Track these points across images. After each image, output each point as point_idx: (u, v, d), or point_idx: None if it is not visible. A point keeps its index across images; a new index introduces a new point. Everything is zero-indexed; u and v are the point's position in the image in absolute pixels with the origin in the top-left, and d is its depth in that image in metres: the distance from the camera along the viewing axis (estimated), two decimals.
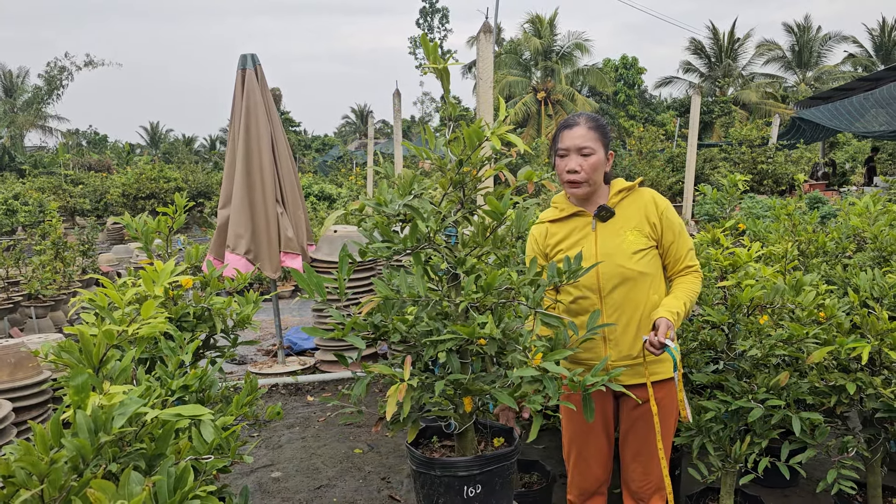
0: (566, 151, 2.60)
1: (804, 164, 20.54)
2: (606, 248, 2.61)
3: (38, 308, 7.92)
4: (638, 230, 2.62)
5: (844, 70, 39.71)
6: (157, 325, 1.77)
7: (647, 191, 2.71)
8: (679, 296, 2.60)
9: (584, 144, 2.58)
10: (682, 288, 2.64)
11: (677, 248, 2.66)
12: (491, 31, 5.95)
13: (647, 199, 2.66)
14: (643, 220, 2.63)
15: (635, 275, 2.58)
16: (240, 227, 6.00)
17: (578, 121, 2.63)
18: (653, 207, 2.64)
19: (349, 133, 62.01)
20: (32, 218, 16.83)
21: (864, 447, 3.00)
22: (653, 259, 2.63)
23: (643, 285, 2.60)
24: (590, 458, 2.81)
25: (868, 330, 2.92)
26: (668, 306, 2.54)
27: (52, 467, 1.12)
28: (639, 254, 2.59)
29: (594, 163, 2.59)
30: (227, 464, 1.99)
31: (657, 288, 2.64)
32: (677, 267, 2.68)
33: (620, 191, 2.68)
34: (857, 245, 4.38)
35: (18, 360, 3.98)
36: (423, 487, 2.51)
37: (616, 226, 2.64)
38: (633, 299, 2.59)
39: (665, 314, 2.49)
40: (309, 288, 2.28)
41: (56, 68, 38.26)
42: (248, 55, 6.20)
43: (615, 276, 2.58)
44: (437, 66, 2.42)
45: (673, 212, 2.68)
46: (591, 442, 2.79)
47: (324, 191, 20.23)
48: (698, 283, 2.68)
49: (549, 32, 39.67)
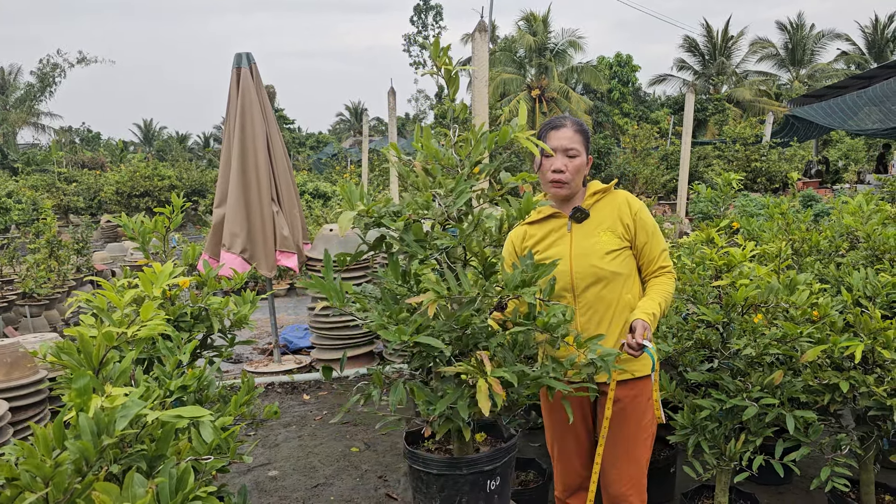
0: (552, 151, 2.65)
1: (798, 162, 20.63)
2: (581, 249, 2.67)
3: (33, 307, 7.91)
4: (611, 231, 2.67)
5: (838, 68, 39.87)
6: (156, 327, 1.77)
7: (622, 193, 2.76)
8: (654, 297, 2.65)
9: (571, 146, 2.65)
10: (657, 289, 2.69)
11: (651, 248, 2.71)
12: (486, 29, 5.96)
13: (620, 201, 2.72)
14: (616, 220, 2.69)
15: (608, 274, 2.63)
16: (235, 225, 6.00)
17: (565, 122, 2.69)
18: (626, 208, 2.70)
19: (344, 130, 61.92)
20: (26, 216, 16.77)
21: (857, 445, 3.02)
22: (626, 259, 2.69)
23: (616, 285, 2.65)
24: (570, 454, 2.87)
25: (861, 329, 2.94)
26: (644, 308, 2.59)
27: (56, 470, 1.13)
28: (612, 254, 2.65)
29: (578, 165, 2.66)
30: (226, 464, 2.00)
31: (630, 287, 2.69)
32: (651, 267, 2.74)
33: (595, 192, 2.73)
34: (851, 244, 4.41)
35: (15, 359, 3.98)
36: (442, 490, 2.50)
37: (591, 227, 2.69)
38: (605, 298, 2.65)
39: (641, 316, 2.54)
40: (330, 295, 2.26)
41: (49, 65, 38.16)
42: (242, 54, 6.20)
43: (588, 275, 2.64)
44: (449, 67, 2.42)
45: (647, 213, 2.74)
46: (570, 438, 2.85)
47: (318, 189, 20.21)
48: (672, 284, 2.74)
49: (543, 30, 39.67)
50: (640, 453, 2.73)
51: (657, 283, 2.72)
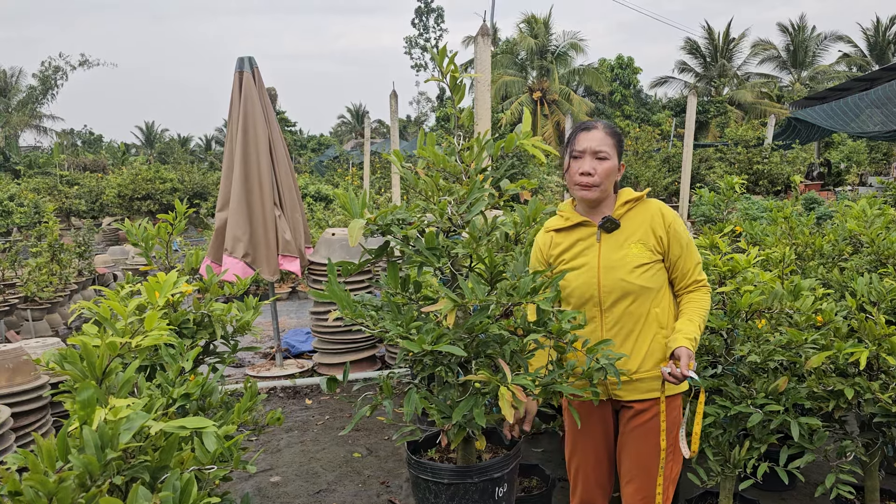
0: (581, 153, 2.54)
1: (800, 165, 20.58)
2: (609, 261, 2.55)
3: (35, 310, 7.90)
4: (642, 243, 2.55)
5: (839, 70, 39.84)
6: (159, 336, 1.77)
7: (655, 202, 2.64)
8: (693, 318, 2.53)
9: (601, 148, 2.52)
10: (693, 307, 2.57)
11: (685, 262, 2.58)
12: (488, 33, 5.96)
13: (653, 211, 2.59)
14: (648, 232, 2.56)
15: (636, 289, 2.52)
16: (238, 229, 6.00)
17: (597, 125, 2.57)
18: (659, 219, 2.57)
19: (345, 133, 61.96)
20: (28, 219, 16.78)
21: (862, 451, 3.01)
22: (656, 273, 2.56)
23: (645, 300, 2.54)
24: (589, 470, 2.75)
25: (866, 335, 2.93)
26: (686, 332, 2.46)
27: (60, 486, 1.12)
28: (641, 268, 2.52)
29: (608, 168, 2.53)
30: (229, 472, 1.99)
31: (659, 301, 2.57)
32: (685, 282, 2.60)
33: (627, 202, 2.61)
34: (854, 248, 4.40)
35: (17, 364, 3.98)
36: (452, 499, 2.49)
37: (620, 238, 2.57)
38: (633, 313, 2.54)
39: (684, 342, 2.41)
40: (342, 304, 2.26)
41: (51, 68, 38.21)
42: (245, 57, 6.19)
43: (616, 289, 2.52)
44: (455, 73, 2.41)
45: (681, 224, 2.61)
46: (591, 453, 2.74)
47: (320, 191, 20.21)
48: (708, 299, 2.61)
49: (545, 32, 39.68)
50: (655, 469, 2.58)
51: (693, 301, 2.59)
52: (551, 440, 4.63)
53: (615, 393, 2.60)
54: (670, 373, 2.36)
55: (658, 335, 2.55)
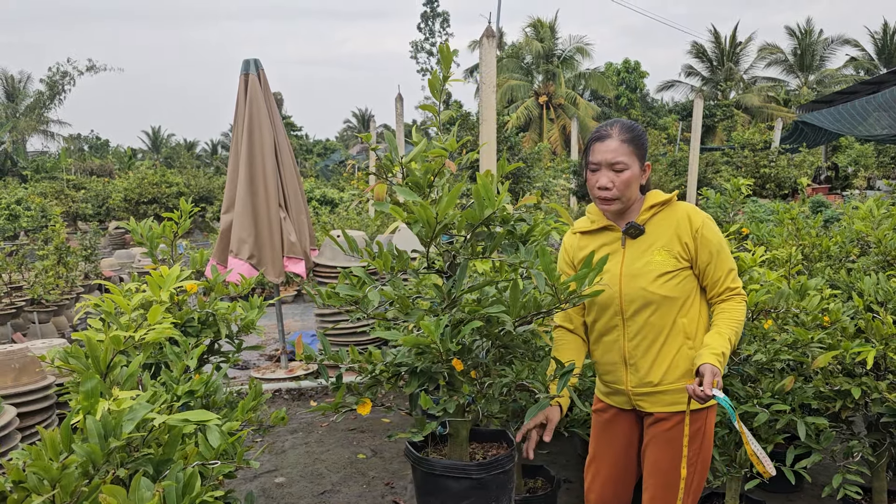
0: (597, 166, 2.42)
1: (807, 168, 20.55)
2: (631, 269, 2.43)
3: (41, 313, 7.93)
4: (667, 250, 2.41)
5: (847, 73, 39.74)
6: (163, 331, 1.77)
7: (683, 205, 2.48)
8: (723, 331, 2.35)
9: (617, 160, 2.38)
10: (725, 319, 2.39)
11: (715, 269, 2.42)
12: (493, 36, 5.96)
13: (680, 216, 2.44)
14: (674, 238, 2.42)
15: (659, 299, 2.39)
16: (243, 231, 6.01)
17: (611, 132, 2.43)
18: (686, 225, 2.42)
19: (351, 137, 62.02)
20: (35, 223, 16.87)
21: (869, 452, 3.00)
22: (682, 282, 2.42)
23: (669, 310, 2.41)
24: (607, 479, 2.66)
25: (873, 334, 2.92)
26: (713, 347, 2.29)
27: (63, 472, 1.13)
28: (665, 276, 2.39)
29: (627, 179, 2.39)
30: (233, 469, 1.99)
31: (686, 311, 2.43)
32: (717, 289, 2.44)
33: (653, 206, 2.47)
34: (861, 249, 4.38)
35: (23, 365, 3.99)
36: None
37: (645, 245, 2.44)
38: (655, 324, 2.41)
39: (710, 359, 2.24)
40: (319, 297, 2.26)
41: (58, 73, 38.42)
42: (250, 60, 6.21)
43: (638, 298, 2.41)
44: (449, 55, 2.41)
45: (711, 229, 2.44)
46: (610, 462, 2.65)
47: (326, 195, 20.26)
48: (743, 310, 2.43)
49: (551, 36, 39.72)
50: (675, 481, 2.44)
51: (726, 311, 2.41)
52: (556, 442, 4.61)
53: (638, 404, 2.50)
54: (693, 390, 2.20)
55: (684, 346, 2.41)
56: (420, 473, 2.56)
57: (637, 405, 2.51)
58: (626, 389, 2.49)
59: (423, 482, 2.55)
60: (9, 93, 40.13)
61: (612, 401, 2.59)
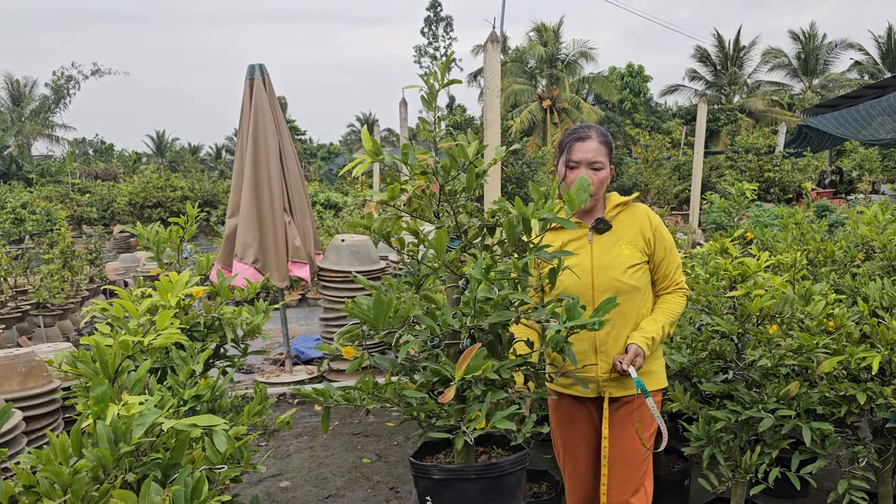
0: (577, 164, 2.63)
1: (811, 172, 20.51)
2: (602, 261, 2.65)
3: (46, 317, 7.95)
4: (633, 245, 2.66)
5: (851, 77, 39.68)
6: (171, 336, 1.78)
7: (642, 206, 2.77)
8: (658, 318, 2.67)
9: (596, 159, 2.62)
10: (664, 310, 2.71)
11: (667, 264, 2.72)
12: (497, 40, 5.97)
13: (641, 216, 2.72)
14: (638, 234, 2.68)
15: (629, 288, 2.63)
16: (248, 236, 6.03)
17: (590, 133, 2.66)
18: (647, 223, 2.70)
19: (354, 141, 62.08)
20: (40, 227, 16.93)
21: (874, 457, 2.99)
22: (644, 274, 2.69)
23: (635, 299, 2.65)
24: (582, 466, 2.84)
25: (878, 339, 2.92)
26: (645, 331, 2.61)
27: (74, 477, 1.13)
28: (633, 268, 2.64)
29: (603, 178, 2.65)
30: (239, 473, 2.00)
31: (645, 301, 2.71)
32: (665, 283, 2.74)
33: (617, 205, 2.73)
34: (866, 254, 4.37)
35: (29, 368, 4.00)
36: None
37: (612, 239, 2.68)
38: (624, 312, 2.62)
39: (639, 340, 2.57)
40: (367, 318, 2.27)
41: (63, 77, 38.59)
42: (255, 65, 6.23)
43: (609, 289, 2.61)
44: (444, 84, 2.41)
45: (665, 228, 2.75)
46: (581, 450, 2.83)
47: (330, 199, 20.29)
48: (682, 302, 2.75)
49: (554, 40, 39.75)
50: (640, 461, 2.70)
51: (666, 302, 2.73)
52: None
53: (606, 390, 2.68)
54: (615, 362, 2.55)
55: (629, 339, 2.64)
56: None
57: (604, 391, 2.68)
58: (595, 377, 2.67)
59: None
60: (14, 97, 40.29)
61: (574, 391, 2.74)
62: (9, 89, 40.25)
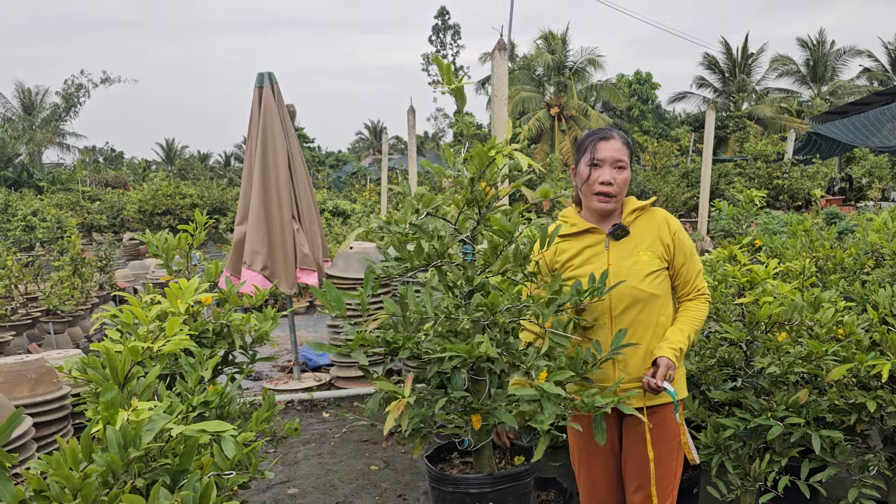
0: (601, 162, 2.53)
1: (820, 180, 20.44)
2: (619, 269, 2.55)
3: (57, 324, 7.99)
4: (651, 251, 2.56)
5: (860, 84, 39.50)
6: (180, 342, 1.79)
7: (660, 211, 2.67)
8: (683, 327, 2.56)
9: (620, 157, 2.54)
10: (688, 317, 2.59)
11: (688, 269, 2.61)
12: (505, 48, 5.99)
13: (659, 220, 2.62)
14: (657, 240, 2.59)
15: (647, 296, 2.53)
16: (256, 243, 6.05)
17: (614, 134, 2.59)
18: (665, 228, 2.60)
19: (363, 149, 62.28)
20: (51, 234, 17.03)
21: (885, 466, 2.97)
22: (664, 280, 2.59)
23: (654, 307, 2.55)
24: (598, 479, 2.74)
25: (888, 347, 2.90)
26: (672, 342, 2.50)
27: (84, 482, 1.14)
28: (652, 275, 2.54)
29: (626, 178, 2.56)
30: (247, 480, 2.00)
31: (664, 309, 2.59)
32: (686, 289, 2.64)
33: (634, 210, 2.63)
34: (876, 261, 4.35)
35: (39, 375, 4.02)
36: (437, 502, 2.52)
37: (630, 245, 2.58)
38: (642, 321, 2.54)
39: (667, 352, 2.45)
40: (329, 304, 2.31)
41: (73, 86, 38.85)
42: (264, 73, 6.27)
43: (627, 297, 2.52)
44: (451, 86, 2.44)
45: (684, 233, 2.65)
46: (598, 463, 2.73)
47: (338, 207, 20.33)
48: (705, 310, 2.64)
49: (562, 48, 39.74)
50: (666, 474, 2.61)
51: (689, 310, 2.62)
52: (569, 454, 4.60)
53: (629, 402, 2.55)
54: (647, 381, 2.42)
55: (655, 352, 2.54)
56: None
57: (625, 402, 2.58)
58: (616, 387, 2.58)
59: None
60: (26, 106, 40.58)
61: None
62: (20, 98, 40.54)
